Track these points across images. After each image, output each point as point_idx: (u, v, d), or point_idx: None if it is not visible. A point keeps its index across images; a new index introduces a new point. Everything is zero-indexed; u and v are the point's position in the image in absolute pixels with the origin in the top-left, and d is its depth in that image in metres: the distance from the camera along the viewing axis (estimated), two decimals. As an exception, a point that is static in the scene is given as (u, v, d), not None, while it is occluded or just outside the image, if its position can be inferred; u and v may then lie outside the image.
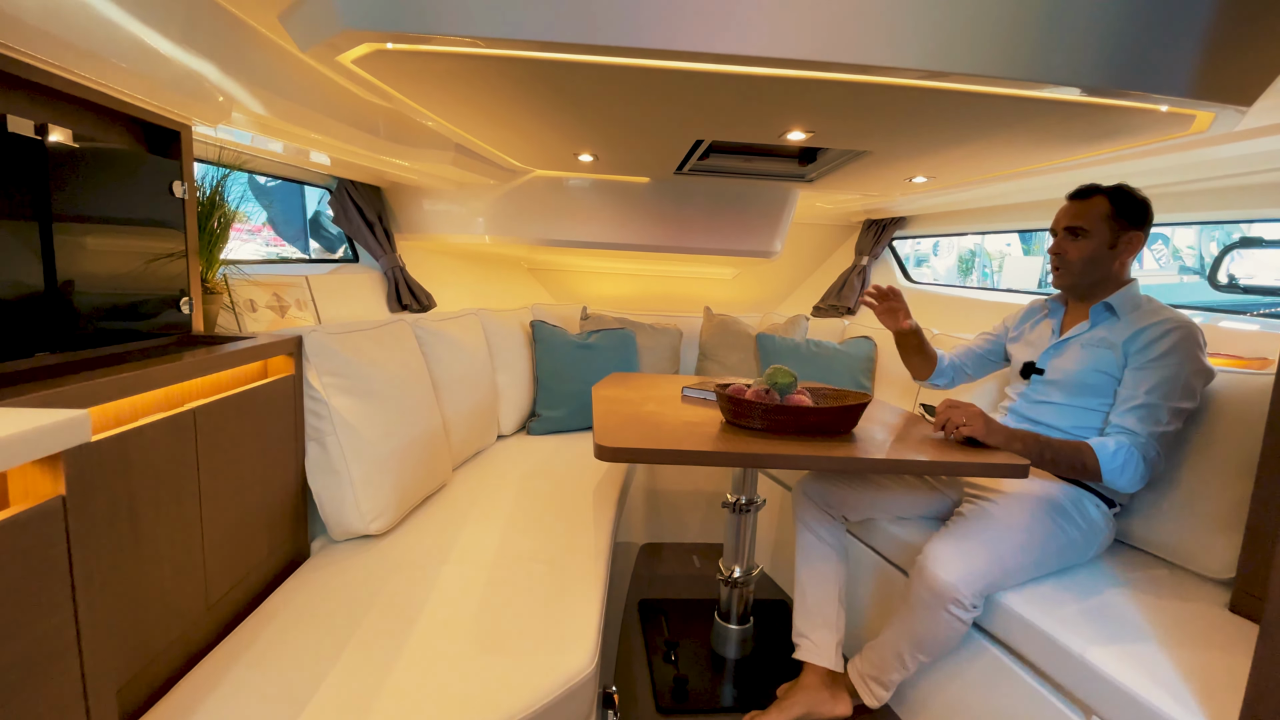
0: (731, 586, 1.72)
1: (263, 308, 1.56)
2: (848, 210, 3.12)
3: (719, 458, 1.16)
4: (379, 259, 2.22)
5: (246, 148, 1.64)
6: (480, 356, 2.05)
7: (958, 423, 1.30)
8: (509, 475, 1.85)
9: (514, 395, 2.23)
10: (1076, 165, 1.94)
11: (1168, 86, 1.22)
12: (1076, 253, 1.46)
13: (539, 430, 2.27)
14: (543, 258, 2.91)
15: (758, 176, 2.17)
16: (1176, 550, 1.40)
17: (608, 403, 1.50)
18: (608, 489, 1.80)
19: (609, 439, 1.15)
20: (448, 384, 1.80)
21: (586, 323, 2.57)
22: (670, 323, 2.76)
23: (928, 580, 1.23)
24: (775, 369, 1.39)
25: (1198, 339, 1.33)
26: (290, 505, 1.28)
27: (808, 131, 1.56)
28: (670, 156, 1.89)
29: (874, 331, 2.54)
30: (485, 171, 2.07)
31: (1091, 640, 1.10)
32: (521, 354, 2.31)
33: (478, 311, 2.21)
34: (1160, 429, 1.30)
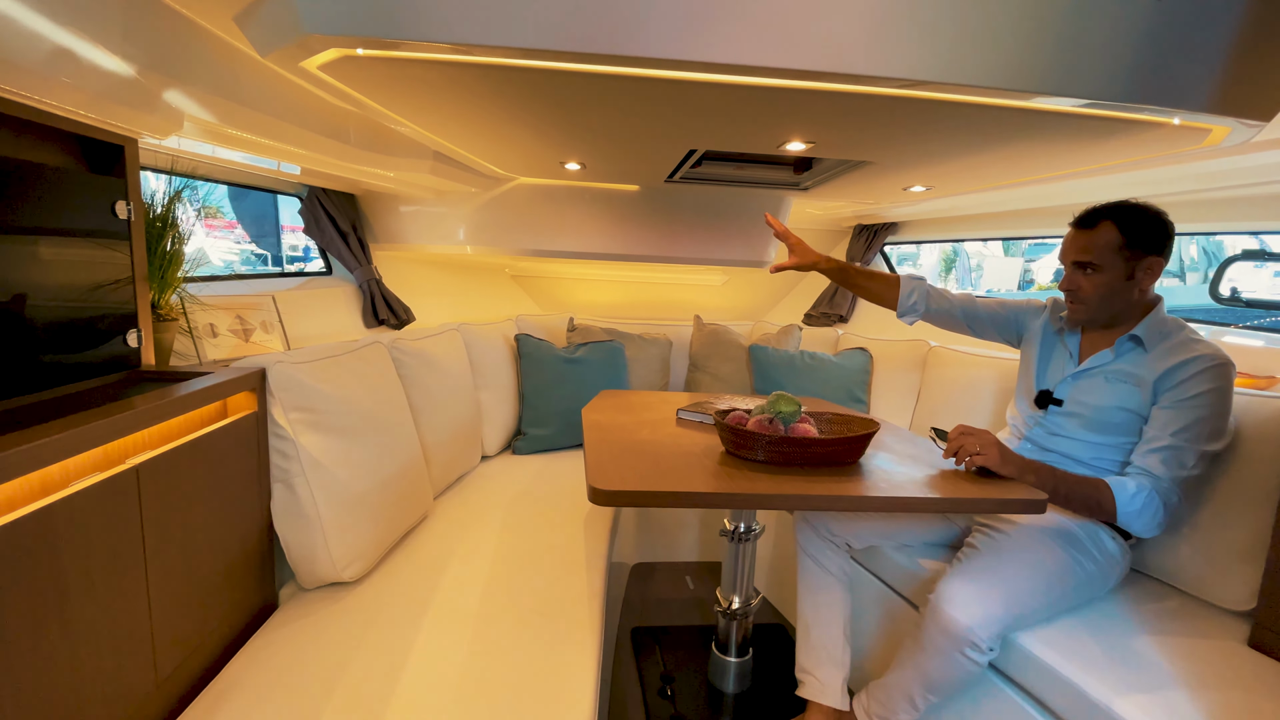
0: (730, 618, 1.64)
1: (225, 332, 1.44)
2: (838, 216, 3.06)
3: (725, 499, 1.07)
4: (354, 271, 2.10)
5: (205, 157, 1.52)
6: (462, 375, 1.94)
7: (971, 451, 1.23)
8: (494, 502, 1.75)
9: (498, 413, 2.13)
10: (1077, 175, 1.89)
11: (1187, 101, 1.16)
12: (1090, 288, 1.34)
13: (525, 450, 2.17)
14: (526, 265, 2.81)
15: (752, 185, 2.09)
16: (1193, 580, 1.35)
17: (599, 431, 1.41)
18: (599, 514, 1.71)
19: (604, 479, 1.06)
20: (428, 408, 1.69)
21: (574, 334, 2.47)
22: (659, 332, 2.68)
23: (942, 622, 1.17)
24: (778, 396, 1.31)
25: (1231, 377, 1.26)
26: (255, 555, 1.18)
27: (807, 142, 1.48)
28: (662, 165, 1.80)
29: (869, 343, 2.48)
30: (466, 179, 1.97)
31: (1116, 689, 1.04)
32: (506, 370, 2.21)
33: (459, 326, 2.10)
34: (1184, 473, 1.23)
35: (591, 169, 1.87)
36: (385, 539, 1.36)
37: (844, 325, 3.03)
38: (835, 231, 3.27)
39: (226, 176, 1.79)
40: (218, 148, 1.44)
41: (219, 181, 1.78)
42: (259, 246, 3.35)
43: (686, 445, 1.34)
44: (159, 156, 1.40)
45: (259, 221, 3.23)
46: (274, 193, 2.03)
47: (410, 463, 1.50)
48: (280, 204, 2.57)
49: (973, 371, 2.08)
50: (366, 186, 2.05)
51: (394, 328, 2.19)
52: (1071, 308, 1.40)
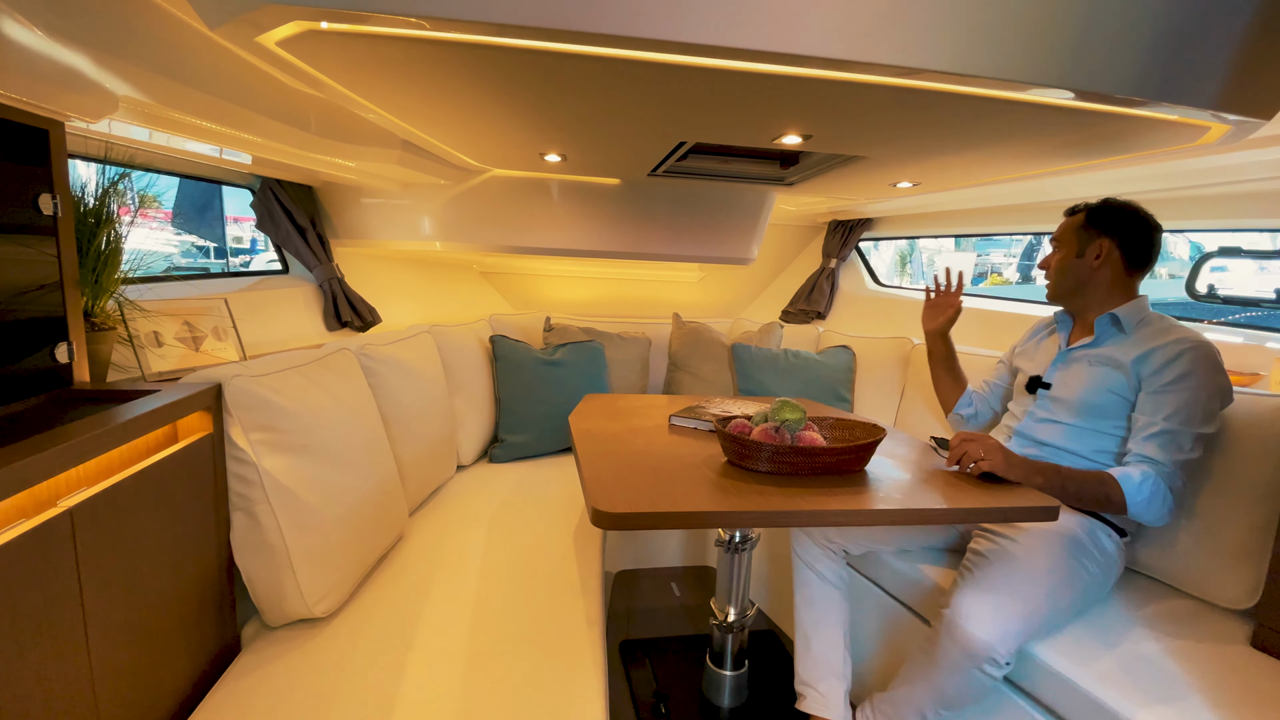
0: (726, 631, 1.58)
1: (171, 341, 1.29)
2: (813, 212, 3.03)
3: (744, 518, 1.01)
4: (313, 269, 1.95)
5: (143, 144, 1.36)
6: (435, 380, 1.82)
7: (975, 457, 1.20)
8: (475, 516, 1.64)
9: (473, 420, 2.02)
10: (1058, 173, 1.88)
11: (1195, 98, 1.14)
12: (1053, 263, 1.48)
13: (503, 458, 2.06)
14: (497, 261, 2.68)
15: (736, 179, 2.03)
16: (1190, 580, 1.35)
17: (591, 442, 1.32)
18: (589, 526, 1.62)
19: (607, 499, 0.98)
20: (401, 418, 1.57)
21: (551, 335, 2.37)
22: (638, 331, 2.60)
23: (959, 639, 1.13)
24: (783, 403, 1.25)
25: (1214, 358, 1.28)
26: (213, 593, 1.05)
27: (804, 135, 1.42)
28: (648, 158, 1.71)
29: (851, 340, 2.45)
30: (436, 171, 1.84)
31: (1138, 702, 1.01)
32: (481, 373, 2.09)
33: (430, 329, 1.97)
34: (1183, 457, 1.24)
35: (573, 161, 1.77)
36: (360, 566, 1.25)
37: (822, 322, 3.01)
38: (810, 227, 3.25)
39: (168, 166, 1.62)
40: (157, 133, 1.28)
41: (159, 171, 1.61)
42: (200, 238, 3.13)
43: (685, 455, 1.27)
44: (90, 143, 1.24)
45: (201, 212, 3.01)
46: (220, 183, 1.86)
47: (385, 480, 1.38)
48: (225, 192, 2.38)
49: (957, 368, 2.06)
50: (326, 178, 1.89)
51: (358, 330, 2.05)
52: (1048, 285, 1.53)
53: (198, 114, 1.16)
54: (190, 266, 2.13)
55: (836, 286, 3.02)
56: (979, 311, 2.45)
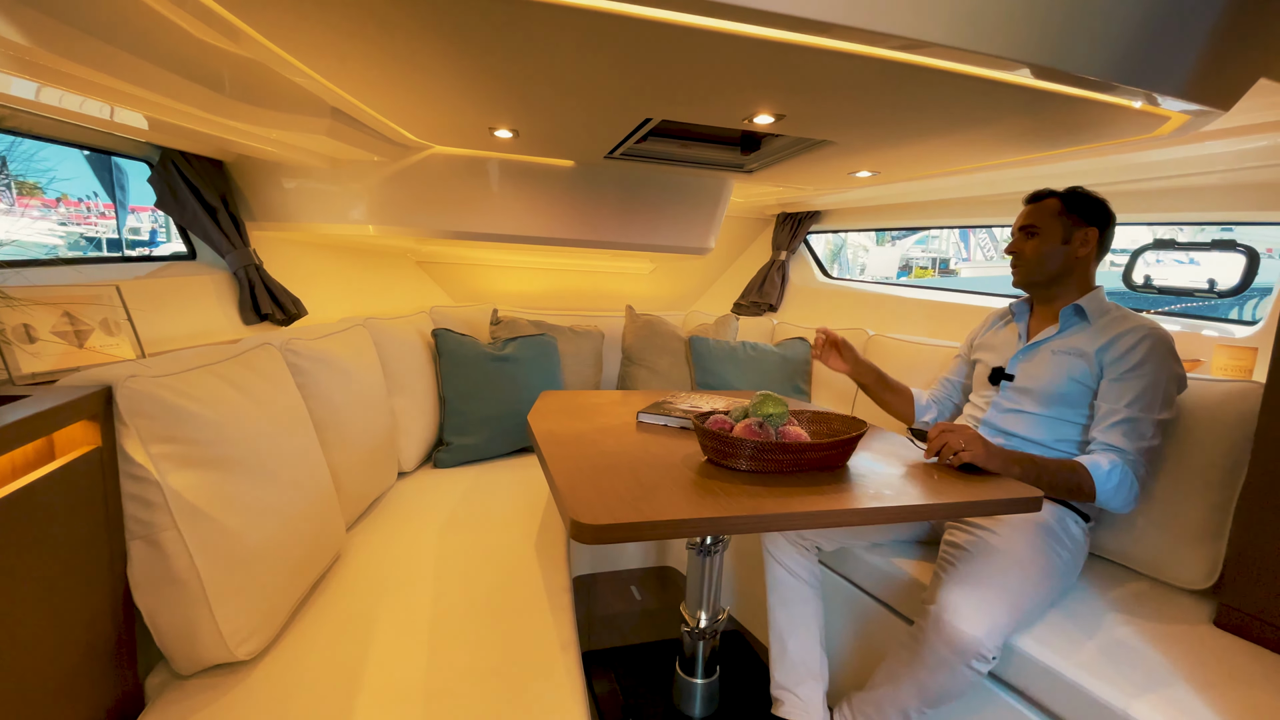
0: (698, 637, 1.50)
1: (48, 336, 1.07)
2: (762, 204, 3.01)
3: (743, 523, 0.92)
4: (225, 255, 1.72)
5: (13, 100, 1.13)
6: (373, 379, 1.64)
7: (955, 448, 1.17)
8: (422, 530, 1.49)
9: (416, 422, 1.84)
10: (1008, 165, 1.91)
11: (1166, 85, 1.15)
12: (1030, 249, 1.44)
13: (449, 462, 1.90)
14: (435, 250, 2.49)
15: (695, 165, 1.95)
16: (1149, 563, 1.38)
17: (557, 444, 1.21)
18: (549, 533, 1.50)
19: (588, 510, 0.87)
20: (335, 422, 1.39)
21: (498, 329, 2.22)
22: (590, 324, 2.48)
23: (948, 636, 1.09)
24: (764, 397, 1.17)
25: (1171, 345, 1.30)
26: (105, 641, 0.86)
27: (777, 114, 1.35)
28: (608, 137, 1.60)
29: (807, 332, 2.43)
30: (370, 146, 1.65)
31: (1127, 692, 1.00)
32: (423, 370, 1.92)
33: (366, 321, 1.78)
34: (1145, 444, 1.26)
35: (526, 137, 1.64)
36: (290, 596, 1.08)
37: (774, 314, 2.99)
38: (759, 220, 3.23)
39: (44, 130, 1.37)
40: (30, 82, 1.06)
41: (29, 136, 1.36)
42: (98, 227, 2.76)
43: (662, 455, 1.17)
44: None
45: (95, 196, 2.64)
46: (111, 154, 1.60)
47: (318, 493, 1.21)
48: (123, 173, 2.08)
49: (913, 358, 2.07)
50: (240, 150, 1.67)
51: (281, 324, 1.83)
52: (1014, 270, 1.49)
53: (83, 61, 0.96)
54: (80, 257, 1.85)
55: (787, 278, 3.00)
56: (924, 303, 2.49)
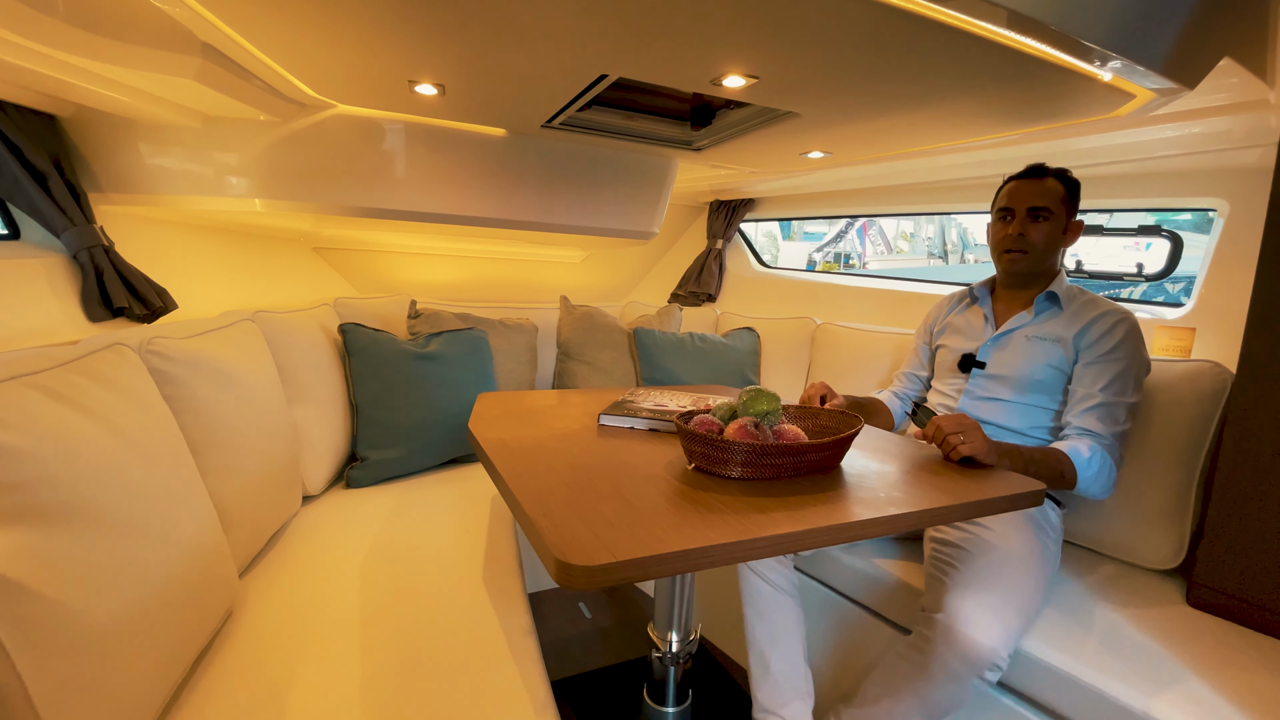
0: (669, 662, 1.34)
1: None
2: (695, 190, 2.89)
3: (768, 544, 0.76)
4: (61, 234, 1.35)
5: None
6: (266, 385, 1.34)
7: (955, 441, 1.08)
8: (337, 567, 1.22)
9: (322, 435, 1.55)
10: (951, 151, 1.90)
11: (1147, 57, 1.11)
12: (1039, 235, 1.34)
13: (366, 480, 1.62)
14: (338, 234, 2.16)
15: (642, 139, 1.78)
16: (1117, 545, 1.37)
17: (513, 458, 1.00)
18: (500, 562, 1.28)
19: (578, 547, 0.68)
20: (219, 442, 1.10)
21: (419, 323, 1.94)
22: (522, 316, 2.25)
23: (961, 648, 1.00)
24: (755, 393, 1.03)
25: (1140, 330, 1.29)
26: None
27: (750, 75, 1.21)
28: (551, 98, 1.39)
29: (754, 322, 2.33)
30: (256, 100, 1.35)
31: (1145, 691, 0.95)
32: (329, 373, 1.62)
33: (254, 315, 1.47)
34: (1119, 428, 1.24)
35: (452, 97, 1.40)
36: (166, 679, 0.80)
37: (713, 304, 2.89)
38: (692, 207, 3.11)
39: None
40: None
41: None
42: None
43: (639, 465, 1.00)
44: None
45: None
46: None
47: (198, 538, 0.93)
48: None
49: (861, 346, 2.02)
50: (81, 99, 1.31)
51: (140, 320, 1.47)
52: (1013, 257, 1.38)
53: None
54: None
55: (724, 268, 2.91)
56: (864, 290, 2.47)
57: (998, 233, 1.40)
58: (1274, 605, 1.09)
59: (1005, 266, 1.40)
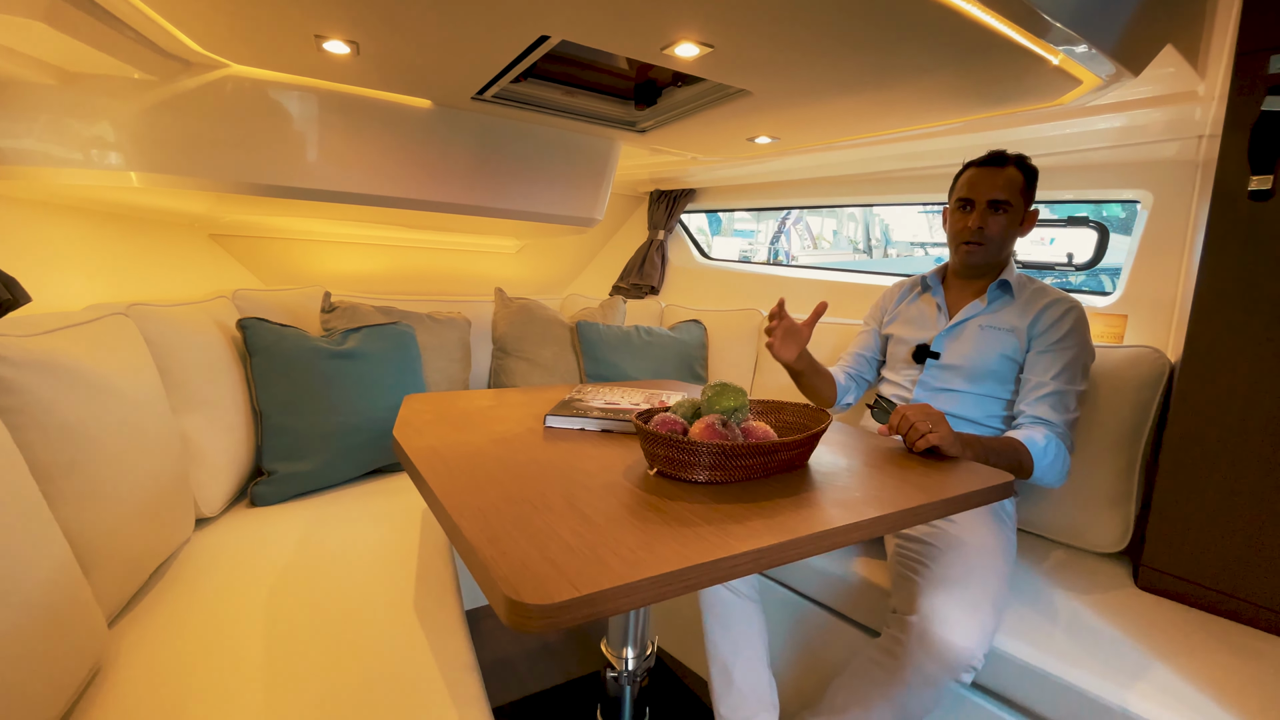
0: (625, 681, 1.24)
1: None
2: (635, 178, 2.80)
3: (750, 560, 0.67)
4: None
5: None
6: (144, 391, 1.13)
7: (922, 430, 1.03)
8: (239, 606, 1.04)
9: (218, 447, 1.34)
10: (892, 140, 1.89)
11: (1100, 38, 1.10)
12: (997, 228, 1.32)
13: (273, 497, 1.42)
14: (238, 218, 1.91)
15: (582, 117, 1.65)
16: (1066, 530, 1.38)
17: (447, 471, 0.87)
18: (435, 588, 1.13)
19: (534, 583, 0.56)
20: (77, 463, 0.90)
21: (334, 317, 1.74)
22: (453, 310, 2.08)
23: (937, 650, 0.95)
24: (720, 388, 0.94)
25: (1086, 318, 1.30)
26: None
27: (704, 44, 1.11)
28: (483, 65, 1.25)
29: (700, 314, 2.26)
30: (127, 54, 1.14)
31: (1118, 683, 0.93)
32: (226, 375, 1.41)
33: (129, 309, 1.25)
34: (1070, 416, 1.23)
35: (368, 58, 1.23)
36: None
37: (656, 296, 2.80)
38: (632, 197, 3.02)
39: None
40: None
41: None
42: None
43: (594, 472, 0.89)
44: None
45: None
46: None
47: (44, 588, 0.74)
48: None
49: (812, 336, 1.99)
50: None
51: (-18, 316, 1.22)
52: (971, 249, 1.35)
53: None
54: None
55: (667, 259, 2.83)
56: (807, 281, 2.45)
57: (957, 223, 1.37)
58: (1221, 586, 1.11)
59: (963, 258, 1.37)
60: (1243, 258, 1.06)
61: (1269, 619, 1.06)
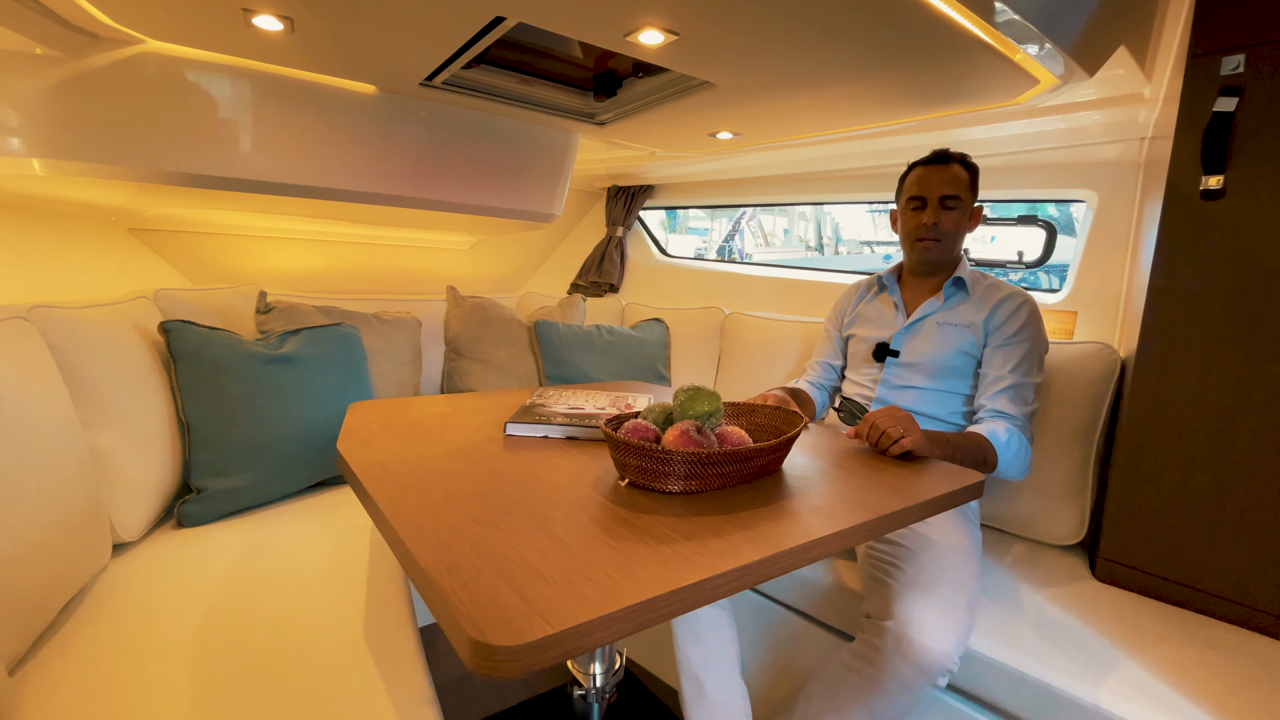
0: (593, 699, 1.18)
1: None
2: (592, 174, 2.74)
3: (733, 579, 0.62)
4: None
5: None
6: (46, 405, 1.01)
7: (895, 435, 1.02)
8: (162, 640, 0.93)
9: (138, 464, 1.21)
10: (858, 137, 1.90)
11: (1060, 36, 1.10)
12: (951, 223, 1.33)
13: (204, 517, 1.29)
14: (162, 211, 1.76)
15: (540, 108, 1.58)
16: (1024, 523, 1.40)
17: (397, 488, 0.79)
18: (386, 613, 1.05)
19: (500, 623, 0.50)
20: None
21: (270, 318, 1.61)
22: (402, 309, 1.97)
23: (915, 656, 0.93)
24: (694, 392, 0.89)
25: (1039, 311, 1.32)
26: None
27: (668, 30, 1.06)
28: (433, 48, 1.17)
29: (661, 312, 2.22)
30: (21, 23, 1.01)
31: (1088, 680, 0.94)
32: (148, 385, 1.28)
33: (29, 312, 1.11)
34: (1029, 408, 1.25)
35: (304, 36, 1.13)
36: None
37: (614, 294, 2.75)
38: (589, 193, 2.95)
39: None
40: None
41: None
42: None
43: (563, 484, 0.83)
44: None
45: None
46: None
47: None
48: None
49: (770, 334, 1.97)
50: None
51: None
52: (927, 245, 1.36)
53: None
54: None
55: (626, 256, 2.77)
56: (767, 279, 2.45)
57: (910, 221, 1.38)
58: (1177, 576, 1.13)
59: (919, 255, 1.38)
60: (1196, 255, 1.09)
61: (1221, 608, 1.09)
